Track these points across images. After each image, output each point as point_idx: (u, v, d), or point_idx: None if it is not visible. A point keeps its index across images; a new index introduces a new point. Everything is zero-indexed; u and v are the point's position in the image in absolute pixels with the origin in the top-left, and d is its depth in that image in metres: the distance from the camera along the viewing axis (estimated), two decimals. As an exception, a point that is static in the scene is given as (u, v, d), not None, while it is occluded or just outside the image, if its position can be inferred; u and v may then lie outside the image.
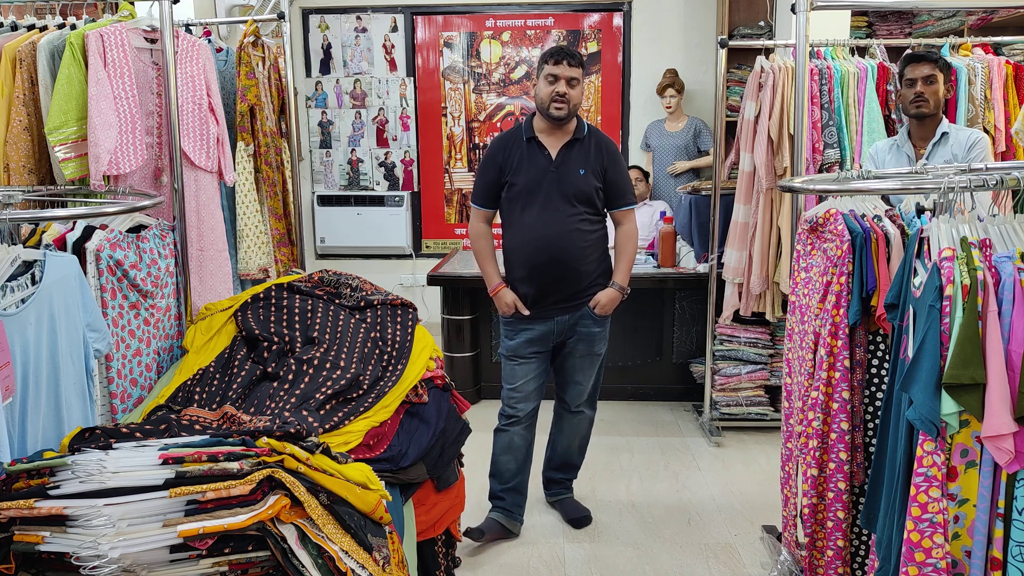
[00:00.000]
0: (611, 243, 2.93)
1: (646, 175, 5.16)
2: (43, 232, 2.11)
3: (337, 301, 2.36)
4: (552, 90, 2.67)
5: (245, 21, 3.15)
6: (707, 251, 4.02)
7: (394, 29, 5.83)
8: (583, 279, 2.80)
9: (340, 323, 2.26)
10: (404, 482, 2.03)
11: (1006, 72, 3.46)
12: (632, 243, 2.89)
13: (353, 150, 5.99)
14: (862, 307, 2.08)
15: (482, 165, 2.86)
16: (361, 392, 2.06)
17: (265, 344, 2.19)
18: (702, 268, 4.09)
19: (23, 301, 1.70)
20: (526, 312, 2.81)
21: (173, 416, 1.81)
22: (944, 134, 2.91)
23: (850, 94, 3.47)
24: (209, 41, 3.00)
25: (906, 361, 1.66)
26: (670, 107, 5.30)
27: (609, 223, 2.90)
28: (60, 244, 2.07)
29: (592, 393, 3.00)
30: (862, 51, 3.68)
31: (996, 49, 3.65)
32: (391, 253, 6.00)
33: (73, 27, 2.55)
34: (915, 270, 1.73)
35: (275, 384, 2.03)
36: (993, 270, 1.55)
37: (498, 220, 2.91)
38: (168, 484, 1.36)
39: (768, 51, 3.75)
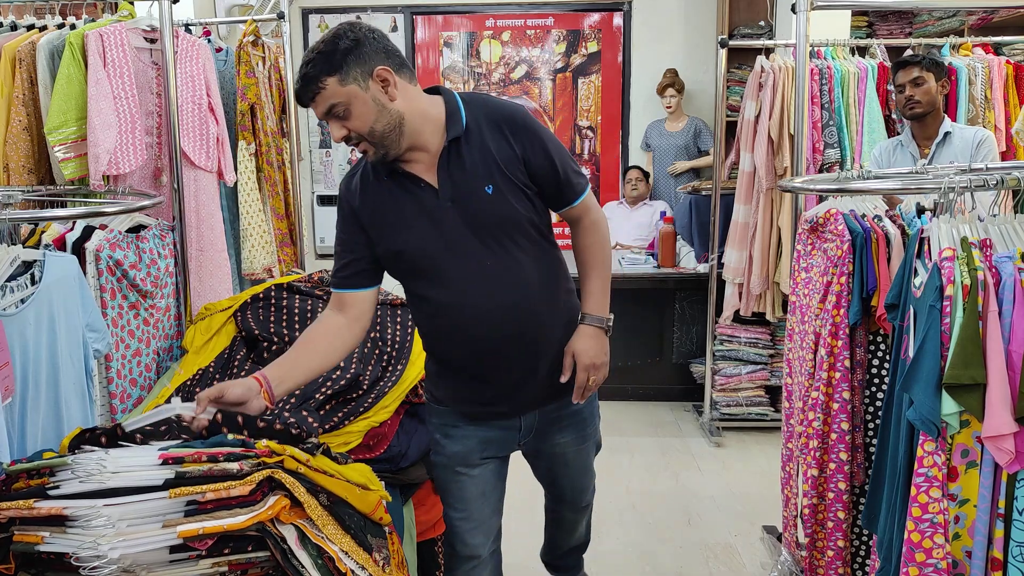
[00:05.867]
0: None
1: (646, 175, 5.16)
2: (42, 232, 2.10)
3: (337, 301, 2.35)
4: (338, 138, 1.67)
5: (245, 21, 3.15)
6: (707, 251, 4.02)
7: (394, 29, 5.83)
8: (560, 345, 1.77)
9: (340, 323, 2.25)
10: (404, 482, 2.03)
11: (1006, 72, 3.46)
12: (602, 244, 1.81)
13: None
14: (862, 307, 2.08)
15: (338, 231, 1.91)
16: (361, 392, 2.05)
17: (265, 344, 2.19)
18: (702, 268, 4.09)
19: (23, 301, 1.69)
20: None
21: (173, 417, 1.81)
22: (947, 134, 2.90)
23: (850, 94, 3.47)
24: (209, 41, 3.00)
25: (907, 361, 1.66)
26: (670, 107, 5.30)
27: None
28: (59, 244, 2.07)
29: (593, 485, 2.13)
30: (862, 51, 3.68)
31: (996, 49, 3.65)
32: (391, 253, 5.99)
33: (73, 27, 2.55)
34: (915, 270, 1.73)
35: (275, 384, 2.02)
36: (993, 270, 1.54)
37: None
38: (168, 484, 1.35)
39: (768, 51, 3.75)
